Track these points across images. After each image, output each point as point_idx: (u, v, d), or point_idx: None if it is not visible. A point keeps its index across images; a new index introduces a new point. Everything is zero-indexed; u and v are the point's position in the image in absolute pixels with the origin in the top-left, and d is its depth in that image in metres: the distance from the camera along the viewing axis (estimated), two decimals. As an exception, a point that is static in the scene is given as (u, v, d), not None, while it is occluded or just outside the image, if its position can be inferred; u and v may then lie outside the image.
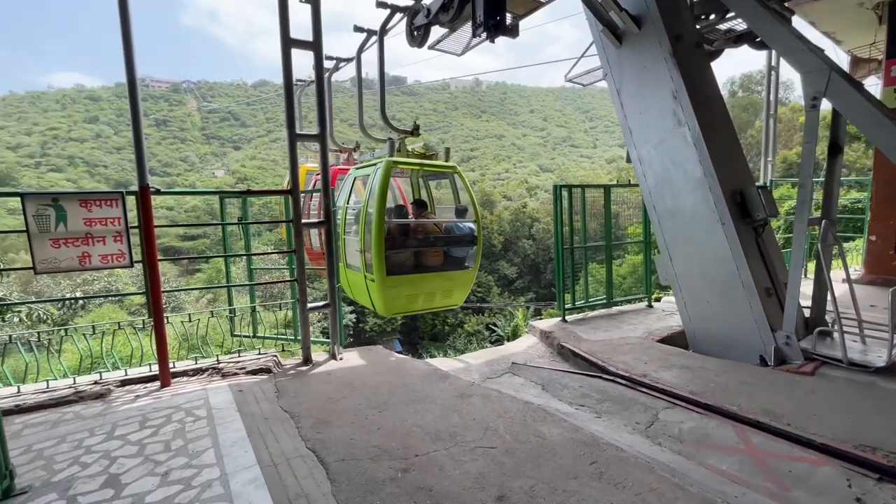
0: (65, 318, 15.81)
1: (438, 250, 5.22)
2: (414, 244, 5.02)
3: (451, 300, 5.40)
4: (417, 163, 5.13)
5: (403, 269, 4.85)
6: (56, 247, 3.37)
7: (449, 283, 5.23)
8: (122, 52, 3.48)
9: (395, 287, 4.73)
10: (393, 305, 4.85)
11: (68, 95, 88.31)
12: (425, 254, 5.12)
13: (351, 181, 5.60)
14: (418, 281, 4.97)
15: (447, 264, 5.25)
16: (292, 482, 2.44)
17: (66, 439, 2.92)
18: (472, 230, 5.31)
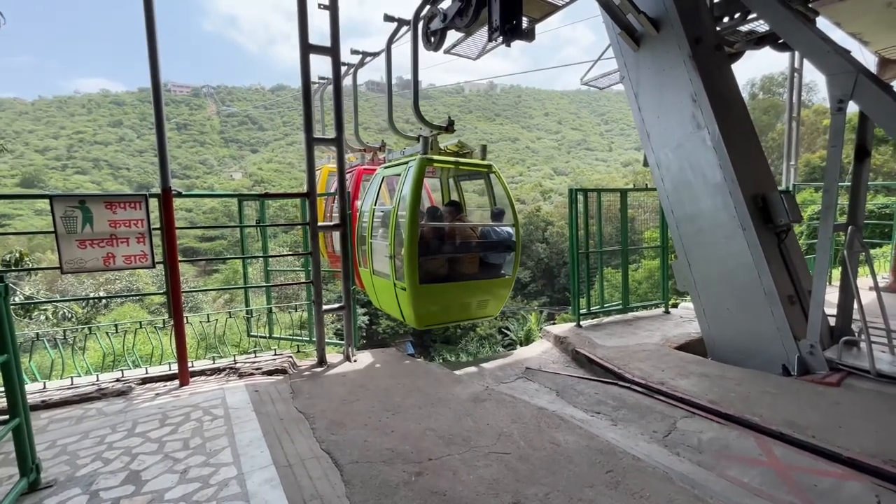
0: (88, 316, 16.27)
1: (474, 257, 4.84)
2: (449, 250, 4.64)
3: (486, 311, 5.02)
4: (453, 161, 4.74)
5: (437, 278, 4.49)
6: (82, 247, 3.47)
7: (485, 293, 4.86)
8: (147, 59, 3.58)
9: (429, 297, 4.39)
10: (425, 317, 4.48)
11: (94, 100, 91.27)
12: (460, 261, 4.74)
13: (378, 181, 5.21)
14: (453, 290, 4.62)
15: (483, 272, 4.87)
16: (307, 483, 2.46)
17: (89, 435, 2.99)
18: (510, 235, 4.93)
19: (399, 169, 4.70)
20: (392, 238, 4.39)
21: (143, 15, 3.54)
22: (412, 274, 4.18)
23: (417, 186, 4.20)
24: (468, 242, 4.83)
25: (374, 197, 5.09)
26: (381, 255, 4.82)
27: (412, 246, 4.15)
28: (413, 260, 4.15)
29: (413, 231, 4.13)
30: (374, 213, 5.00)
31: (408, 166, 4.45)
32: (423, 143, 4.47)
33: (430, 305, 4.47)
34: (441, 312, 4.64)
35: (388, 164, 5.23)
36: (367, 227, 5.01)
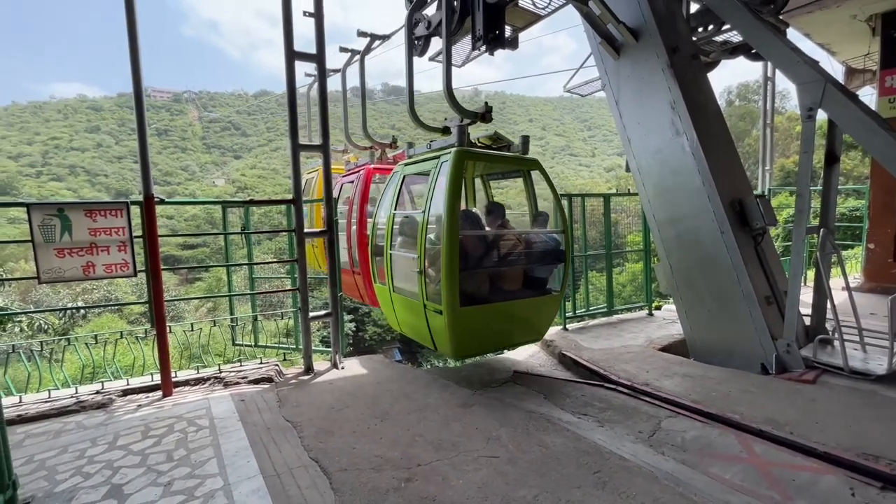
0: (65, 327, 15.77)
1: (518, 271, 4.19)
2: (492, 264, 4.01)
3: (531, 334, 4.34)
4: (496, 154, 4.11)
5: (479, 298, 3.81)
6: (61, 256, 3.39)
7: (532, 313, 4.17)
8: (129, 64, 3.53)
9: (471, 322, 3.69)
10: (465, 346, 3.77)
11: (70, 105, 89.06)
12: (503, 276, 4.09)
13: (398, 182, 4.51)
14: (498, 313, 3.91)
15: (527, 288, 4.20)
16: (295, 492, 2.43)
17: (69, 449, 2.91)
18: (558, 242, 4.28)
19: (427, 165, 4.08)
20: (422, 250, 3.71)
21: (125, 20, 3.50)
22: (452, 295, 3.46)
23: (456, 185, 3.54)
24: (513, 254, 4.15)
25: (392, 200, 4.42)
26: (405, 270, 4.14)
27: (452, 260, 3.44)
28: (454, 277, 3.44)
29: (453, 241, 3.44)
30: (394, 219, 4.32)
31: (439, 162, 3.83)
32: (459, 133, 3.81)
33: (471, 332, 3.74)
34: (483, 339, 3.94)
35: (409, 160, 4.53)
36: (386, 236, 4.33)
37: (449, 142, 3.96)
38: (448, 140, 3.99)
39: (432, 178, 3.86)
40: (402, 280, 4.23)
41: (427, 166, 4.06)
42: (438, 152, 3.97)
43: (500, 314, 3.94)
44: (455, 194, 3.52)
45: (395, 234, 4.30)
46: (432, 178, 3.86)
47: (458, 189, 3.56)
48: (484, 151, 4.06)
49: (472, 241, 3.89)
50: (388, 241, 4.33)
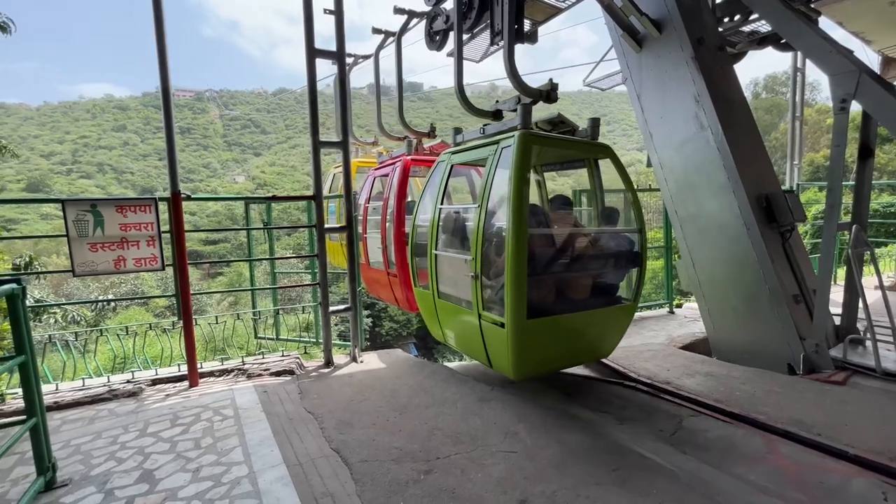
0: (97, 319, 16.41)
1: (587, 277, 3.66)
2: (561, 269, 3.52)
3: (600, 350, 3.78)
4: (565, 139, 3.57)
5: (546, 308, 3.29)
6: (94, 250, 3.53)
7: (602, 327, 3.64)
8: (156, 64, 3.64)
9: (538, 337, 3.20)
10: (530, 364, 3.25)
11: (98, 105, 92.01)
12: (572, 283, 3.58)
13: (443, 172, 3.99)
14: (567, 325, 3.38)
15: (597, 297, 3.68)
16: (317, 481, 2.49)
17: (102, 435, 3.04)
18: (632, 243, 3.74)
19: (482, 153, 3.58)
20: (477, 251, 3.22)
21: (153, 21, 3.60)
22: (518, 305, 2.96)
23: (523, 174, 3.02)
24: (584, 257, 3.63)
25: (437, 193, 3.94)
26: (454, 274, 3.72)
27: (519, 264, 2.94)
28: (521, 285, 2.95)
29: (520, 241, 2.95)
30: (440, 214, 3.83)
31: (498, 148, 3.33)
32: (524, 113, 3.29)
33: (537, 349, 3.24)
34: (549, 357, 3.43)
35: (457, 147, 4.05)
36: (429, 234, 3.86)
37: (508, 125, 3.44)
38: (507, 123, 3.49)
39: (490, 166, 3.35)
40: (450, 285, 3.77)
41: (482, 153, 3.56)
42: (496, 137, 3.46)
43: (568, 328, 3.40)
44: (523, 185, 3.01)
45: (441, 232, 3.84)
46: (490, 167, 3.35)
47: (525, 178, 3.04)
48: (551, 136, 3.50)
49: (539, 242, 3.38)
50: (431, 240, 3.84)
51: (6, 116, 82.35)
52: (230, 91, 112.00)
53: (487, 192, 3.29)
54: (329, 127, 8.68)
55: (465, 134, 4.05)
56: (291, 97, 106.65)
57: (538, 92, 3.43)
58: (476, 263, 3.24)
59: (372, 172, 6.22)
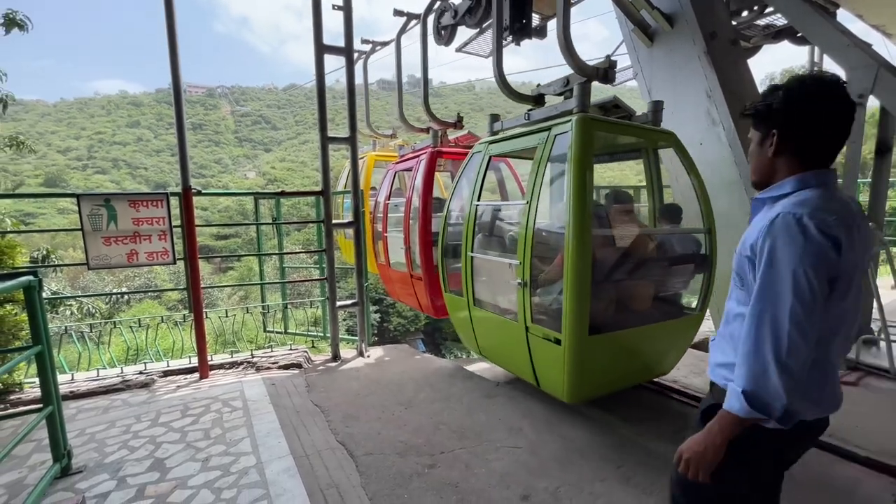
0: (111, 312, 16.76)
1: (653, 285, 3.24)
2: (623, 276, 3.08)
3: (661, 367, 3.32)
4: (629, 125, 3.13)
5: (607, 322, 2.86)
6: (107, 244, 3.60)
7: (666, 342, 3.21)
8: (168, 61, 3.68)
9: (599, 355, 2.79)
10: (587, 384, 2.82)
11: (113, 101, 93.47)
12: (636, 292, 3.16)
13: (479, 164, 3.57)
14: (631, 341, 2.96)
15: (662, 307, 3.27)
16: (323, 473, 2.53)
17: (116, 424, 3.11)
18: (699, 245, 3.34)
19: (528, 142, 3.15)
20: (526, 255, 2.80)
21: (164, 19, 3.64)
22: (579, 319, 2.57)
23: (586, 166, 2.58)
24: (649, 261, 3.20)
25: (474, 188, 3.53)
26: (495, 280, 3.38)
27: (582, 272, 2.54)
28: (584, 296, 2.55)
29: (584, 245, 2.54)
30: (477, 211, 3.47)
31: (550, 135, 2.88)
32: (581, 94, 2.81)
33: (598, 368, 2.84)
34: (609, 377, 3.01)
35: (494, 136, 3.63)
36: (464, 234, 3.51)
37: (560, 108, 3.01)
38: (559, 106, 3.04)
39: (540, 157, 2.91)
40: (489, 292, 3.44)
41: (527, 142, 3.13)
42: (547, 123, 3.02)
43: (632, 345, 2.99)
44: (585, 177, 2.57)
45: (478, 232, 3.51)
46: (540, 158, 2.91)
47: (588, 170, 2.59)
48: (613, 121, 3.04)
49: (602, 245, 2.96)
50: (466, 241, 3.47)
51: (24, 113, 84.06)
52: (241, 87, 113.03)
53: (537, 186, 2.87)
54: (339, 123, 8.71)
55: (505, 121, 3.62)
56: (301, 93, 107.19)
57: (594, 70, 2.96)
58: (524, 269, 2.82)
59: (393, 166, 5.82)
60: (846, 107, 1.15)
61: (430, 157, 4.78)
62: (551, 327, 2.78)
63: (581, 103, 2.83)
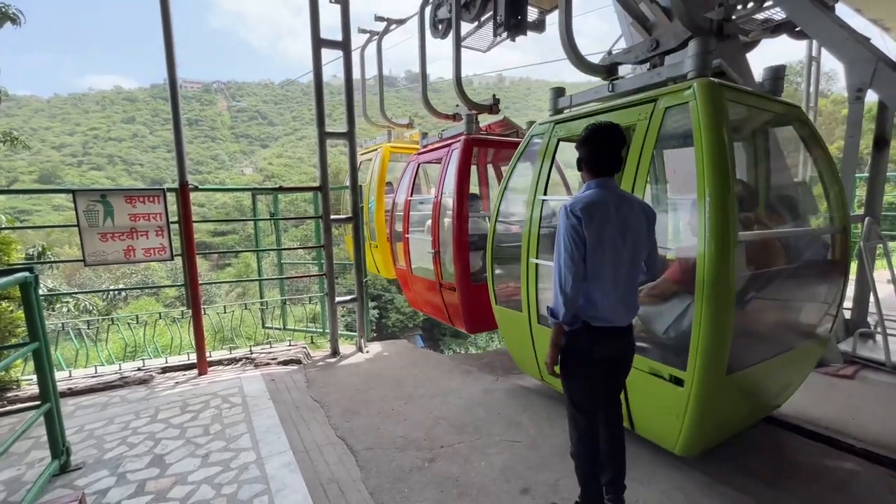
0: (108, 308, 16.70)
1: (793, 300, 2.73)
2: (761, 291, 2.49)
3: (777, 402, 2.78)
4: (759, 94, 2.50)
5: (739, 353, 2.17)
6: (104, 240, 3.58)
7: (794, 369, 2.68)
8: (163, 56, 3.65)
9: (731, 396, 2.25)
10: (711, 433, 2.28)
11: (107, 97, 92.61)
12: (774, 311, 2.61)
13: (543, 151, 3.05)
14: (765, 374, 2.40)
15: (795, 328, 2.71)
16: (324, 468, 2.53)
17: (114, 421, 3.11)
18: (827, 248, 2.79)
19: (618, 119, 2.45)
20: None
21: (160, 14, 3.60)
22: (717, 351, 1.99)
23: (723, 146, 2.01)
24: (785, 271, 2.62)
25: (538, 179, 3.01)
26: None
27: (723, 290, 1.95)
28: (725, 321, 1.97)
29: (727, 253, 1.95)
30: (543, 210, 2.97)
31: (654, 108, 2.32)
32: (701, 53, 2.21)
33: (726, 412, 2.30)
34: (733, 421, 2.46)
35: (559, 116, 3.07)
36: (527, 236, 2.97)
37: (666, 73, 2.38)
38: (662, 72, 2.41)
39: (643, 137, 2.33)
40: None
41: (619, 120, 2.37)
42: (647, 94, 2.43)
43: (765, 378, 2.44)
44: (726, 159, 2.01)
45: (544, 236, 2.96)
46: (643, 138, 2.33)
47: (729, 149, 2.02)
48: (744, 89, 2.42)
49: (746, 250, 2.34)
50: (528, 244, 2.97)
51: (17, 108, 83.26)
52: (237, 82, 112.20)
53: (641, 174, 2.32)
54: (336, 118, 8.62)
55: (575, 96, 3.03)
56: (298, 88, 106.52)
57: (709, 23, 2.35)
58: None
59: (415, 158, 5.12)
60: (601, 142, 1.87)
61: (465, 146, 4.11)
62: (665, 361, 2.22)
63: (701, 64, 2.21)
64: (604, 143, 1.87)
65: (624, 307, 1.86)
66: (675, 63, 2.35)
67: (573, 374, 1.92)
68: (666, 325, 2.37)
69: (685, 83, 2.23)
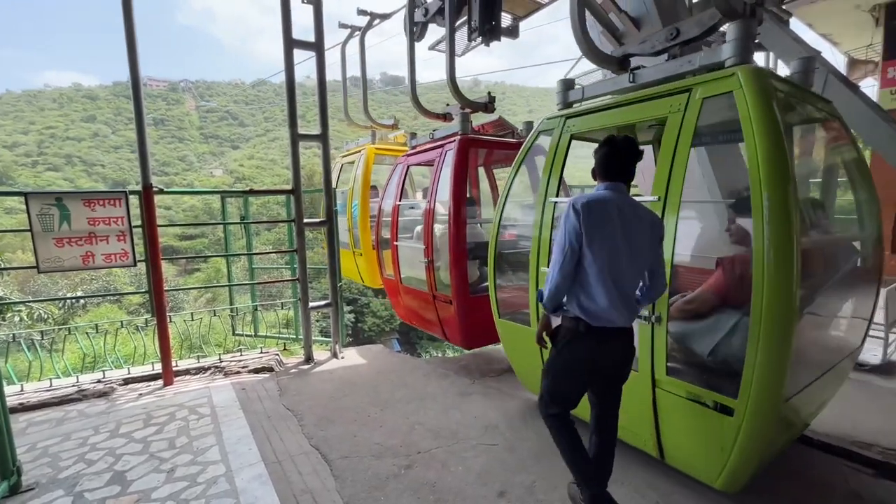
0: (65, 317, 15.81)
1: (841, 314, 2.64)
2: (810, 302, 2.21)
3: (813, 418, 2.64)
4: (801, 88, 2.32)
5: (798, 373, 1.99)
6: (60, 246, 3.39)
7: (831, 388, 2.56)
8: (125, 53, 3.49)
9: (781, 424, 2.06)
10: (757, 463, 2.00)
11: (65, 94, 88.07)
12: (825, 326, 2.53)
13: (555, 148, 2.81)
14: (813, 395, 2.28)
15: (839, 344, 2.60)
16: (297, 479, 2.47)
17: (71, 437, 2.94)
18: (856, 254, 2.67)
19: (644, 111, 2.33)
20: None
21: (122, 8, 3.45)
22: (776, 377, 1.76)
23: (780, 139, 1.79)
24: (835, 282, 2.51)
25: (549, 179, 2.79)
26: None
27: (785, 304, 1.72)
28: (786, 341, 1.74)
29: (789, 262, 1.72)
30: (555, 213, 2.70)
31: (689, 99, 2.11)
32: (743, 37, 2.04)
33: (774, 441, 2.09)
34: (776, 449, 2.29)
35: (569, 111, 2.85)
36: (536, 242, 2.76)
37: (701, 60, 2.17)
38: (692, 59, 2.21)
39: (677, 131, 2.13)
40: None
41: (645, 112, 2.29)
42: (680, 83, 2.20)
43: (810, 401, 2.32)
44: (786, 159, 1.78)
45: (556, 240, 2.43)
46: (677, 132, 2.14)
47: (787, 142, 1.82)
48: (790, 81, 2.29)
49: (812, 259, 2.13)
50: (537, 252, 2.70)
51: (-36, 105, 78.13)
52: (206, 82, 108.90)
53: (677, 174, 2.11)
54: (310, 119, 8.40)
55: (588, 88, 2.79)
56: (270, 88, 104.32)
57: (743, 6, 2.09)
58: None
59: (404, 160, 4.80)
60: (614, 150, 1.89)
61: (460, 146, 3.80)
62: (709, 385, 1.99)
63: (743, 49, 2.00)
64: (618, 152, 1.89)
65: (624, 306, 1.83)
66: (714, 49, 2.16)
67: (560, 374, 1.95)
68: (711, 345, 2.13)
69: (725, 71, 2.02)
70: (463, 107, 4.23)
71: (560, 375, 1.98)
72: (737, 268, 2.15)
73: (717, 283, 2.24)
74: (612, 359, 1.94)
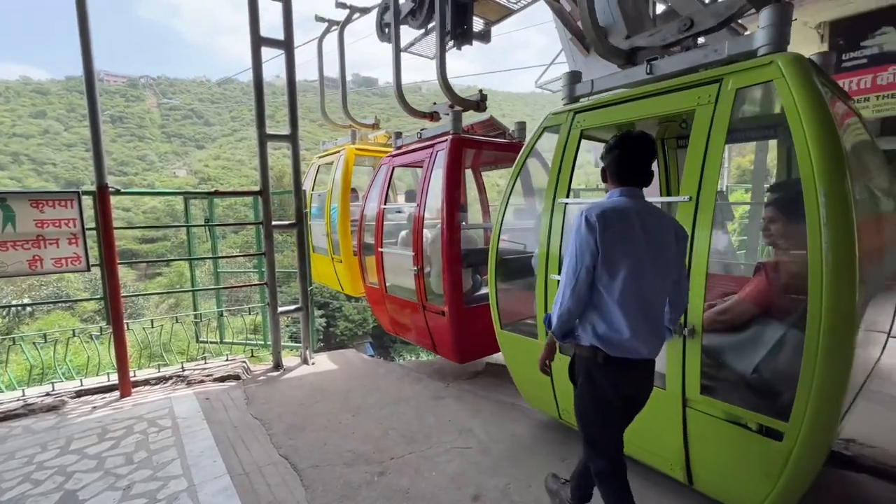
0: (10, 326, 14.73)
1: None
2: None
3: None
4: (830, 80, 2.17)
5: None
6: (3, 249, 3.15)
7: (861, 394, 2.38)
8: (78, 44, 3.30)
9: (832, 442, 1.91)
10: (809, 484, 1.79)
11: (11, 88, 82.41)
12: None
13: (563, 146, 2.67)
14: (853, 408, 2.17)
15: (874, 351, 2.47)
16: (265, 490, 2.38)
17: (15, 455, 2.73)
18: None
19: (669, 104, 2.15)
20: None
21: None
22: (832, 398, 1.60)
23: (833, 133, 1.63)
24: None
25: (557, 180, 2.62)
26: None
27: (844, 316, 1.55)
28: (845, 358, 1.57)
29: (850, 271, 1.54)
30: (562, 215, 2.52)
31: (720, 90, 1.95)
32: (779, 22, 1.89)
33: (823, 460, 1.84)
34: None
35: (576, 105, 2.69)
36: (544, 247, 2.53)
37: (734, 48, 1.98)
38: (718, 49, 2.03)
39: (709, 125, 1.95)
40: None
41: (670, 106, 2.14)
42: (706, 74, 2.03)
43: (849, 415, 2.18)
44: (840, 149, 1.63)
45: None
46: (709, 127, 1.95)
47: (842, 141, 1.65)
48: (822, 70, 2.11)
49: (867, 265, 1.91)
50: (546, 258, 2.50)
51: None
52: (169, 78, 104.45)
53: (710, 173, 1.91)
54: (279, 120, 8.16)
55: (598, 80, 2.59)
56: (238, 87, 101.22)
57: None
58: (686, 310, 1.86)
59: (388, 161, 4.52)
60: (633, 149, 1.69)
61: (453, 146, 3.55)
62: (752, 406, 1.81)
63: (778, 37, 1.86)
64: (633, 151, 1.67)
65: (651, 334, 1.61)
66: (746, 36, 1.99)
67: (594, 420, 1.68)
68: (755, 362, 1.93)
69: (762, 59, 1.85)
70: (453, 105, 4.02)
71: (594, 422, 1.69)
72: (783, 274, 1.91)
73: (759, 291, 2.00)
74: (637, 390, 1.69)
